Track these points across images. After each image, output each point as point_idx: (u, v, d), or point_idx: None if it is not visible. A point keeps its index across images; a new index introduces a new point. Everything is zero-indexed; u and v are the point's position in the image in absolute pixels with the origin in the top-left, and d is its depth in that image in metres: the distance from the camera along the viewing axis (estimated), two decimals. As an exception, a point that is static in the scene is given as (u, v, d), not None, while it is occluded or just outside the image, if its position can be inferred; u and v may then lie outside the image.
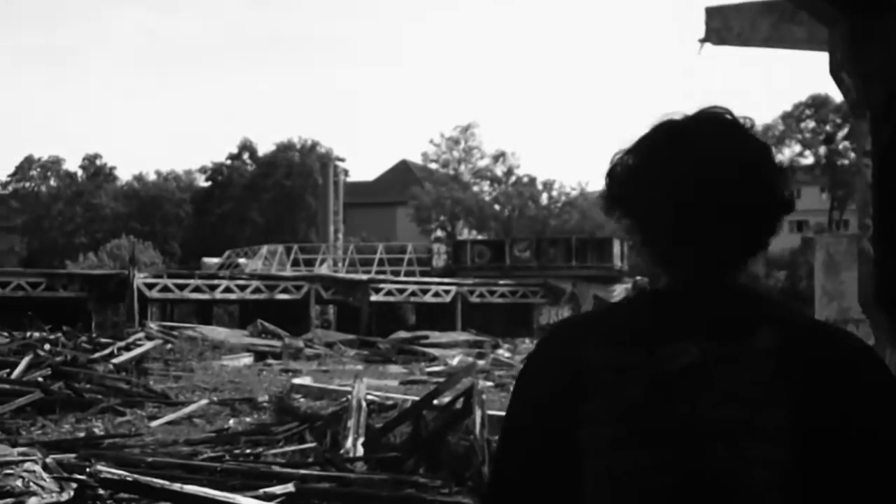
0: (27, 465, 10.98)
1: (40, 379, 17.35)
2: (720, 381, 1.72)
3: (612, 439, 1.74)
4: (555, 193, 69.28)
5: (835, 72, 4.84)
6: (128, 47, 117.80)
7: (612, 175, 1.86)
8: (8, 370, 18.65)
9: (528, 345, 32.57)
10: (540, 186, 68.30)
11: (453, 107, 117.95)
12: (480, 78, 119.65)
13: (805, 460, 1.69)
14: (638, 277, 41.89)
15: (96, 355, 22.71)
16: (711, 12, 4.81)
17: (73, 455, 11.84)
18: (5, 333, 25.52)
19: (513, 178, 68.24)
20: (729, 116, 1.83)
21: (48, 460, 11.01)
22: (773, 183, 1.81)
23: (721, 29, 4.73)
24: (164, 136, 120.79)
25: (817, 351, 1.75)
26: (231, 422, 15.74)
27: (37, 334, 25.62)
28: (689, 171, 1.77)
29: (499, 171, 68.74)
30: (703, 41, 4.85)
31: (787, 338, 1.75)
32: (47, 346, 23.30)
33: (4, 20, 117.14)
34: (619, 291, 41.75)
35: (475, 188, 68.53)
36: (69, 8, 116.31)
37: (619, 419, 1.74)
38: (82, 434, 14.44)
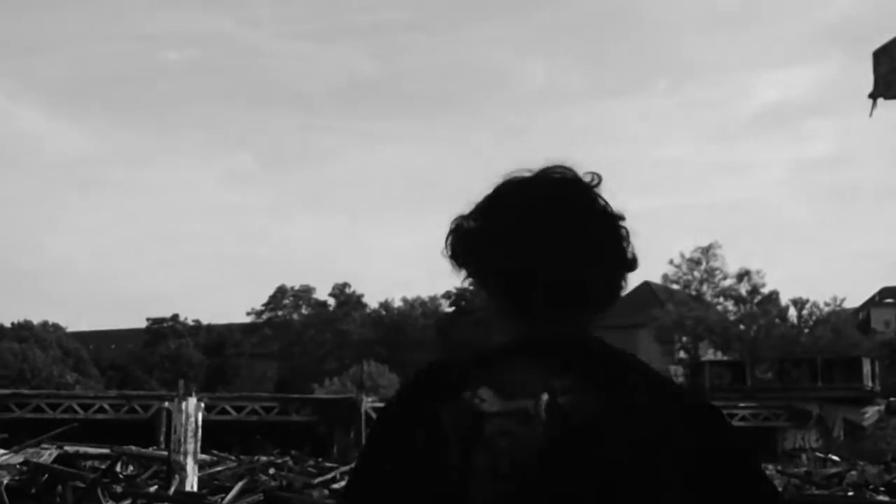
0: None
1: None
2: (622, 429, 1.75)
3: (515, 488, 1.73)
4: (805, 312, 66.01)
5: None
6: (378, 183, 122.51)
7: (456, 234, 1.87)
8: (223, 495, 18.63)
9: (770, 470, 30.55)
10: (785, 303, 65.33)
11: (695, 224, 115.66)
12: (725, 195, 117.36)
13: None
14: (892, 398, 39.29)
15: (316, 480, 22.50)
16: (879, 55, 3.76)
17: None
18: (233, 458, 25.78)
19: (758, 298, 65.53)
20: (570, 174, 1.86)
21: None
22: (617, 248, 1.86)
23: (889, 72, 3.60)
24: (411, 264, 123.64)
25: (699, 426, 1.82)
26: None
27: (264, 458, 25.75)
28: (537, 238, 1.80)
29: (743, 290, 66.18)
30: (873, 97, 3.62)
31: (658, 392, 1.82)
32: (272, 471, 23.32)
33: (260, 166, 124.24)
34: (870, 413, 39.18)
35: (719, 307, 66.22)
36: (322, 151, 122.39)
37: (523, 468, 1.73)
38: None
